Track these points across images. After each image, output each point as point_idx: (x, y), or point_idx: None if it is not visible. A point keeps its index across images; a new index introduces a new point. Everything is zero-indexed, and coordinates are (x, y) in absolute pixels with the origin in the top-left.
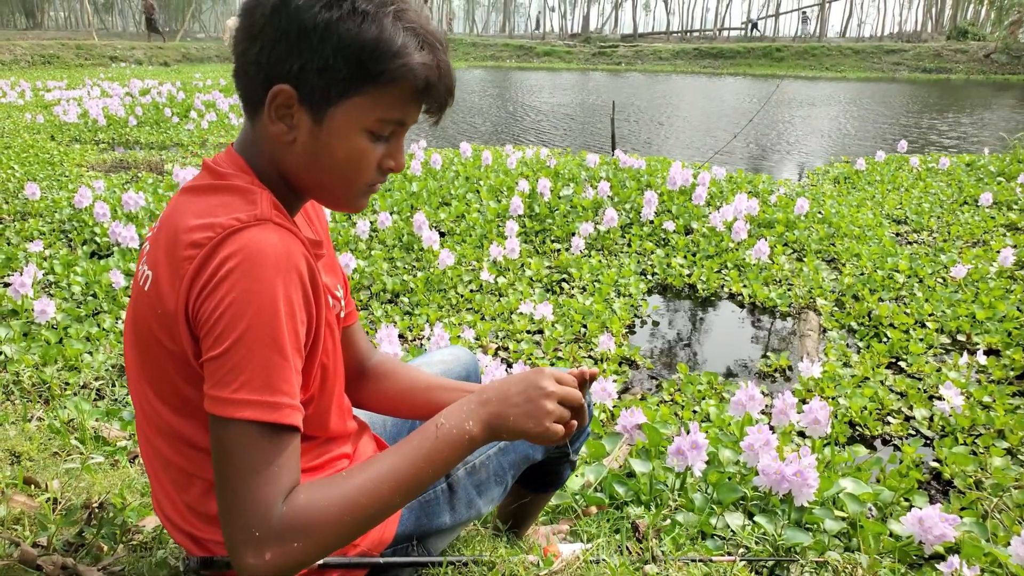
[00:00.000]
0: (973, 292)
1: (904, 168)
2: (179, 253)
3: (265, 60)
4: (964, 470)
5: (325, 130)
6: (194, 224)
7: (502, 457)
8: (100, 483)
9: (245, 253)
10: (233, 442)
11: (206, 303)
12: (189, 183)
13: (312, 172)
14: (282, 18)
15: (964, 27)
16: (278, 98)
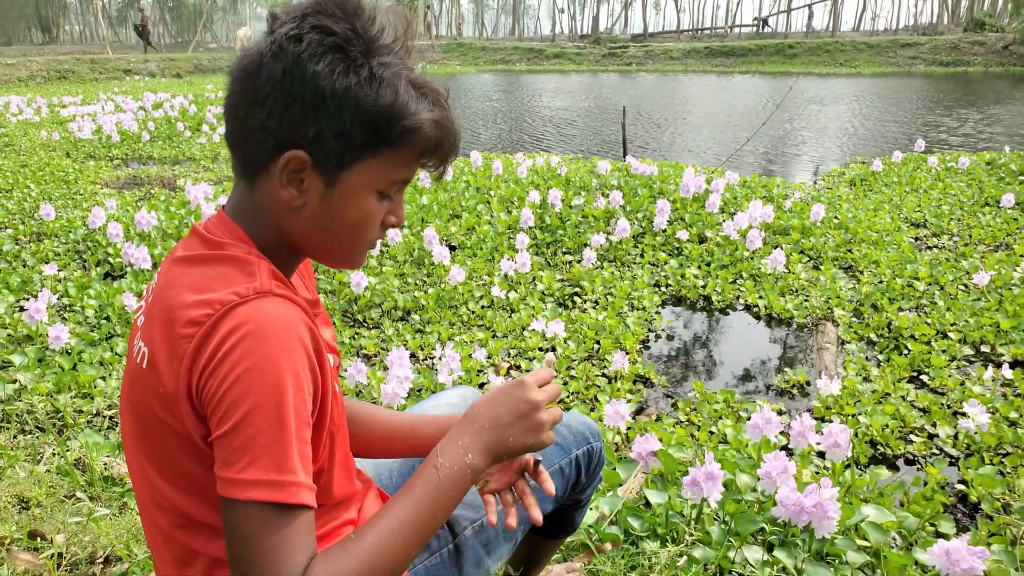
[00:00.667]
0: (997, 299)
1: (922, 168)
2: (176, 331)
3: (275, 126)
4: (991, 492)
5: (337, 194)
6: (191, 300)
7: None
8: (107, 534)
9: (246, 329)
10: (244, 524)
11: (209, 382)
12: (181, 252)
13: (320, 235)
14: (295, 83)
15: (981, 18)
16: (291, 164)
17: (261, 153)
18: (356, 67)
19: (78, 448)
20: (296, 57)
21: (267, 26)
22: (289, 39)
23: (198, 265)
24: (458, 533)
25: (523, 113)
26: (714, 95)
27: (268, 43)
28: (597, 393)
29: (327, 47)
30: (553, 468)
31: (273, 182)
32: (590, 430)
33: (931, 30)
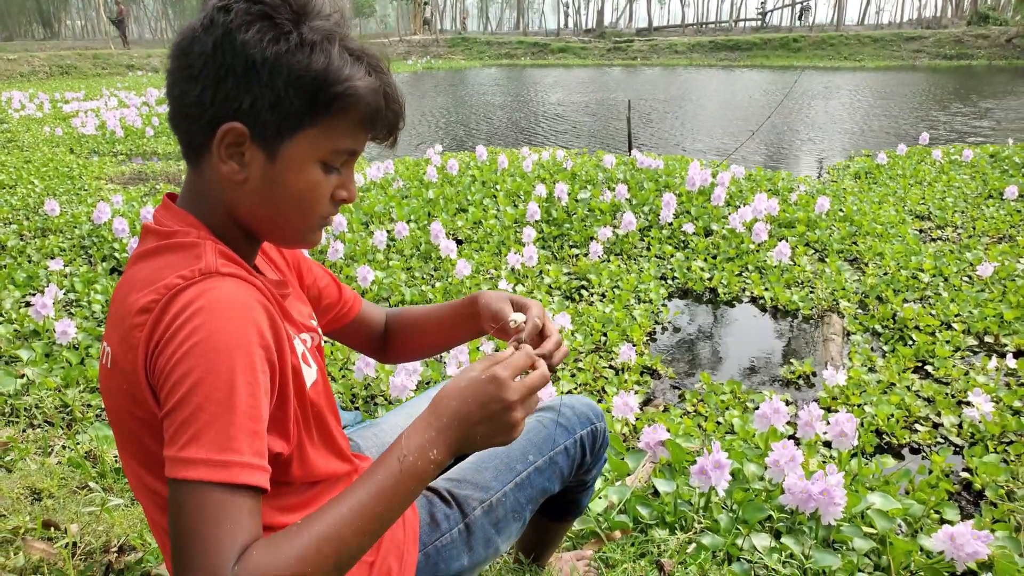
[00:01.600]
0: (1000, 291)
1: (926, 161)
2: (128, 322)
3: (209, 100)
4: (995, 480)
5: (279, 166)
6: (140, 291)
7: (519, 493)
8: (120, 524)
9: (193, 308)
10: (183, 505)
11: (158, 361)
12: (136, 250)
13: (266, 210)
14: (226, 54)
15: (985, 11)
16: (227, 137)
17: (199, 130)
18: (285, 34)
19: (88, 441)
20: (225, 27)
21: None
22: (218, 10)
23: (148, 259)
24: (468, 513)
25: (528, 107)
26: (719, 89)
27: (200, 18)
28: (605, 385)
29: (255, 15)
30: (558, 449)
31: (214, 160)
32: (593, 411)
33: (935, 24)
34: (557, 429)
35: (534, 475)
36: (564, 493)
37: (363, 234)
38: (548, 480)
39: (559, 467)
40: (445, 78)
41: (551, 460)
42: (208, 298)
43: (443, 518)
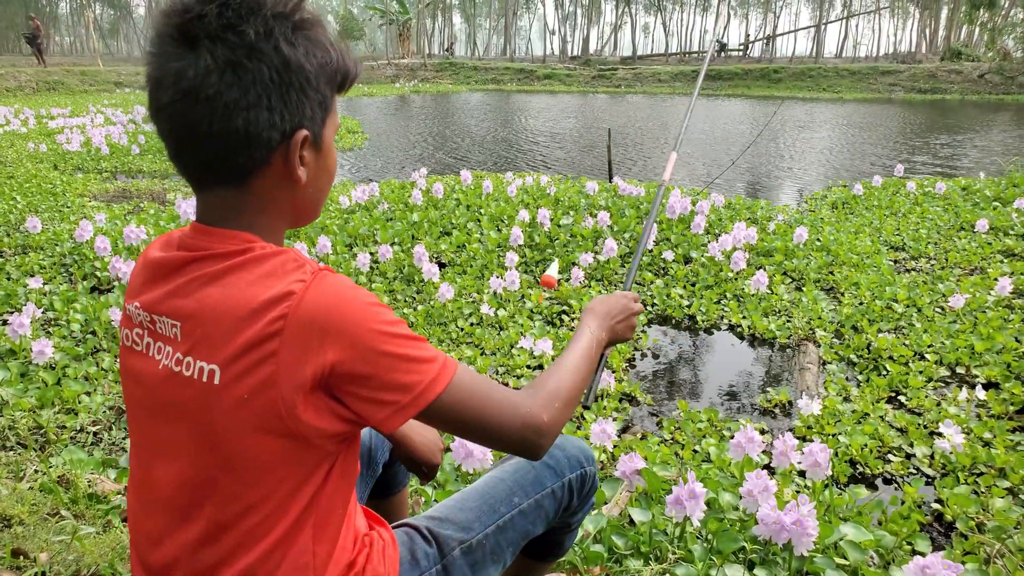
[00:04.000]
0: (971, 322)
1: (901, 193)
2: (254, 334)
3: (279, 118)
4: (966, 512)
5: (323, 153)
6: (258, 303)
7: (500, 535)
8: (91, 553)
9: (330, 295)
10: (458, 405)
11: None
12: (194, 273)
13: (316, 196)
14: (284, 74)
15: (957, 48)
16: (303, 145)
17: (263, 149)
18: (315, 41)
19: (61, 465)
20: (278, 51)
21: (180, 30)
22: (261, 36)
23: (231, 274)
24: (446, 553)
25: (513, 133)
26: (701, 118)
27: (233, 48)
28: (583, 411)
29: (292, 29)
30: (545, 492)
31: (275, 172)
32: (584, 454)
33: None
34: (546, 471)
35: (517, 518)
36: (547, 534)
37: (347, 256)
38: (531, 523)
39: (544, 510)
40: (432, 102)
41: (536, 503)
42: (332, 287)
43: (423, 556)
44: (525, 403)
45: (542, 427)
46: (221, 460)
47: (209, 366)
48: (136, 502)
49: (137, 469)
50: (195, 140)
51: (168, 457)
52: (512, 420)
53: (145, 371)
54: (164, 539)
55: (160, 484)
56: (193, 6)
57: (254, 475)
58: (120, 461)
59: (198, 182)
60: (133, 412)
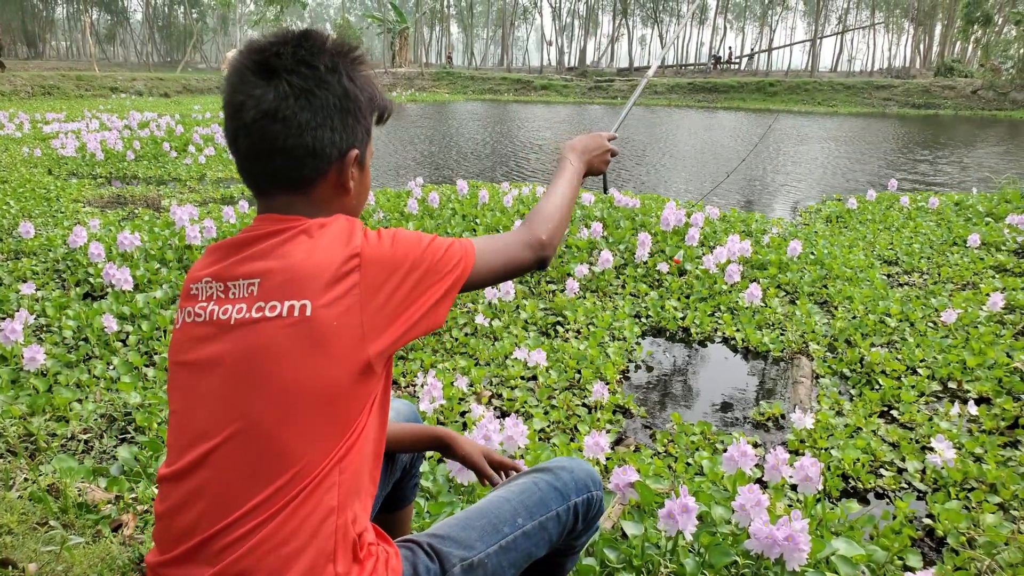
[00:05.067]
0: (963, 337)
1: (894, 207)
2: (335, 272)
3: (340, 137)
4: (957, 527)
5: (365, 171)
6: (335, 251)
7: (502, 556)
8: (80, 563)
9: (384, 237)
10: (485, 264)
11: (381, 270)
12: (280, 239)
13: (358, 207)
14: (347, 101)
15: (951, 64)
16: (355, 161)
17: (324, 162)
18: (367, 85)
19: (52, 473)
20: (341, 84)
21: (259, 65)
22: (328, 70)
23: (310, 236)
24: (447, 569)
25: (510, 143)
26: (696, 130)
27: (305, 79)
28: (577, 423)
29: (351, 64)
30: (550, 514)
31: (329, 183)
32: (592, 479)
33: (904, 73)
34: (552, 493)
35: (520, 539)
36: (549, 555)
37: None
38: (535, 545)
39: (548, 532)
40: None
41: (541, 525)
42: (381, 232)
43: (424, 570)
44: (525, 235)
45: (544, 243)
46: (279, 405)
47: (300, 302)
48: (177, 465)
49: (180, 433)
50: (271, 153)
51: (218, 408)
52: (523, 251)
53: (210, 333)
54: (199, 496)
55: (208, 434)
56: (270, 47)
57: (307, 418)
58: (111, 470)
59: (265, 191)
60: (183, 379)
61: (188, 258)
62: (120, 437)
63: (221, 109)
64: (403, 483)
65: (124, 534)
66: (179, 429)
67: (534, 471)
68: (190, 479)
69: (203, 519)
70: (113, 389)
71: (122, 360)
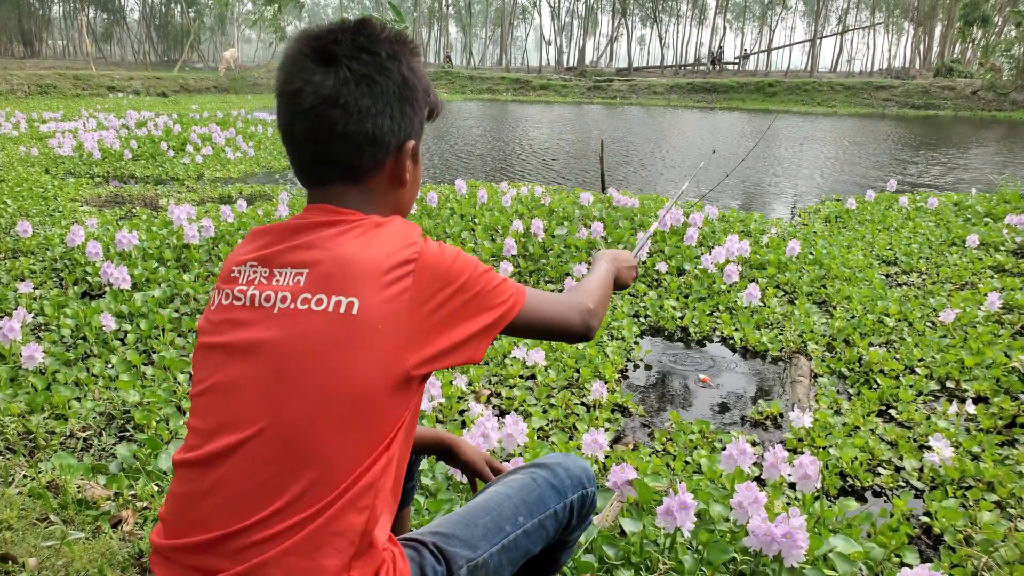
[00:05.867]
0: (961, 337)
1: (893, 207)
2: (390, 275)
3: (399, 126)
4: (954, 525)
5: (418, 165)
6: (390, 253)
7: (503, 555)
8: (80, 558)
9: (445, 249)
10: (533, 310)
11: (433, 283)
12: (338, 231)
13: (410, 199)
14: (406, 90)
15: (951, 64)
16: (413, 150)
17: (382, 151)
18: (420, 75)
19: (51, 470)
20: (400, 72)
21: (317, 51)
22: (388, 57)
23: (371, 231)
24: (454, 571)
25: (508, 143)
26: (696, 130)
27: (366, 65)
28: (576, 422)
29: (409, 54)
30: (548, 512)
31: (386, 173)
32: (586, 475)
33: (904, 74)
34: (549, 491)
35: (521, 538)
36: (544, 551)
37: None
38: (533, 543)
39: (546, 530)
40: None
41: (540, 523)
42: (444, 246)
43: (432, 573)
44: (575, 299)
45: (592, 311)
46: (313, 404)
47: (348, 299)
48: (197, 452)
49: (207, 417)
50: (330, 139)
51: (251, 399)
52: (572, 313)
53: (251, 318)
54: (221, 488)
55: (238, 424)
56: (328, 32)
57: (340, 422)
58: (110, 467)
59: (320, 180)
60: (216, 361)
61: (186, 257)
62: (119, 435)
63: (275, 97)
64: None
65: (124, 530)
66: (207, 413)
67: (531, 467)
68: (215, 469)
69: (225, 513)
70: (112, 387)
71: (120, 359)
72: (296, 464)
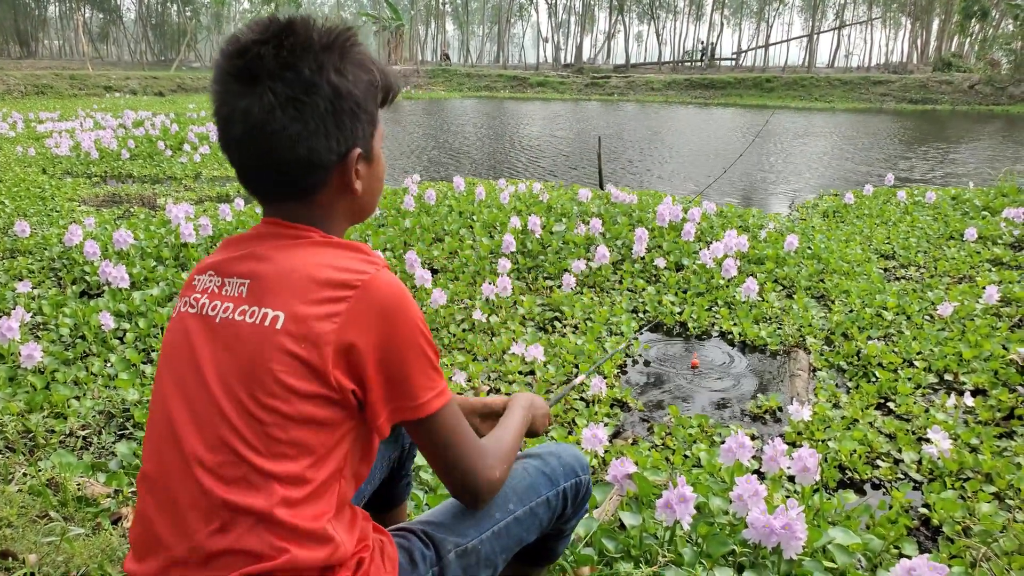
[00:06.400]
0: (960, 330)
1: (891, 202)
2: (319, 295)
3: (336, 143)
4: (952, 516)
5: (374, 163)
6: (331, 274)
7: (495, 541)
8: (80, 554)
9: (394, 288)
10: (443, 426)
11: (375, 333)
12: (272, 244)
13: (371, 200)
14: (339, 102)
15: (948, 59)
16: (356, 162)
17: (324, 171)
18: (367, 67)
19: (51, 468)
20: (331, 84)
21: (241, 70)
22: (314, 72)
23: (314, 248)
24: (443, 556)
25: (506, 140)
26: (693, 126)
27: (290, 85)
28: (575, 417)
29: (336, 61)
30: (540, 500)
31: (334, 186)
32: (579, 463)
33: (901, 68)
34: (541, 478)
35: (512, 524)
36: (539, 540)
37: None
38: (526, 530)
39: (539, 518)
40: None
41: (531, 511)
42: (398, 285)
43: (420, 558)
44: (489, 456)
45: (495, 483)
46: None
47: (274, 312)
48: (157, 446)
49: (159, 418)
50: (264, 167)
51: (197, 399)
52: (480, 464)
53: (197, 327)
54: (181, 486)
55: (182, 422)
56: (250, 47)
57: (288, 433)
58: (110, 465)
59: (267, 198)
60: (163, 372)
61: (184, 256)
62: (119, 433)
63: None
64: (395, 483)
65: (124, 527)
66: (152, 428)
67: (522, 457)
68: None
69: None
70: (111, 386)
71: (120, 357)
72: (245, 476)
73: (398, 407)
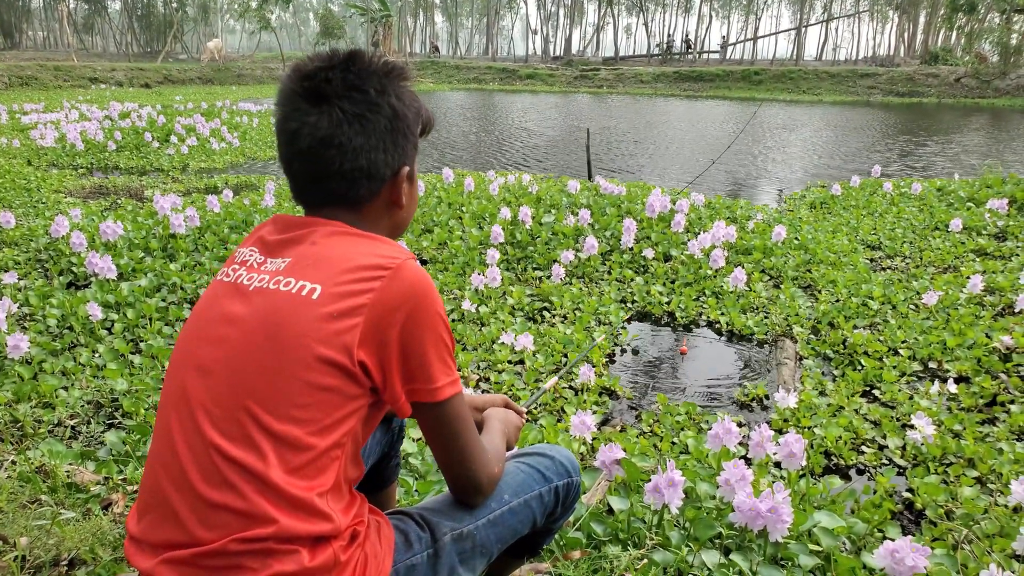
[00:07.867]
0: (944, 319)
1: (878, 193)
2: (359, 274)
3: (392, 157)
4: (935, 500)
5: (414, 184)
6: (368, 259)
7: (490, 529)
8: (71, 537)
9: (421, 276)
10: (455, 415)
11: (401, 314)
12: (327, 231)
13: (408, 217)
14: (396, 122)
15: (936, 52)
16: (407, 177)
17: (378, 182)
18: (414, 102)
19: (40, 457)
20: (391, 107)
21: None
22: (378, 93)
23: (356, 239)
24: (438, 538)
25: (495, 132)
26: (682, 118)
27: (357, 104)
28: (564, 405)
29: (395, 82)
30: (533, 494)
31: (382, 200)
32: (572, 465)
33: (888, 62)
34: (535, 474)
35: (507, 515)
36: (529, 535)
37: None
38: (520, 522)
39: (532, 511)
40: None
41: (526, 503)
42: (426, 274)
43: (416, 539)
44: (489, 452)
45: (494, 479)
46: (275, 369)
47: (311, 284)
48: (171, 420)
49: (173, 384)
50: (328, 176)
51: (214, 357)
52: (484, 458)
53: (230, 291)
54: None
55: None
56: (319, 72)
57: (300, 396)
58: (99, 454)
59: (320, 209)
60: (194, 324)
61: (172, 247)
62: (107, 423)
63: (273, 134)
64: (384, 464)
65: (114, 512)
66: (168, 383)
67: (516, 456)
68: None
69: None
70: (99, 376)
71: (108, 348)
72: (253, 434)
73: (415, 388)
